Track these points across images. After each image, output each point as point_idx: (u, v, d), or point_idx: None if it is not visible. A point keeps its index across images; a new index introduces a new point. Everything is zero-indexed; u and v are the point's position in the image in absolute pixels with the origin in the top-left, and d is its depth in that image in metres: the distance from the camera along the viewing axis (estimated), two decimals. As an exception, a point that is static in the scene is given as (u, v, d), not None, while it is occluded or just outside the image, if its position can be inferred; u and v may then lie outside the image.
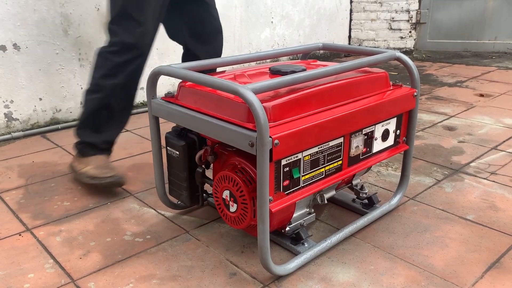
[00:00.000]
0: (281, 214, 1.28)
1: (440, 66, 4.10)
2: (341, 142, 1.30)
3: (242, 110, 1.15)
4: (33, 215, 1.61)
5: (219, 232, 1.49)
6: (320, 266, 1.30)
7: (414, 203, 1.66)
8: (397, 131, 1.50)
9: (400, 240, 1.43)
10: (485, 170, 1.92)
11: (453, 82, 3.50)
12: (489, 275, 1.25)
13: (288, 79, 1.15)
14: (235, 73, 1.42)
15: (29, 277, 1.28)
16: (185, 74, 1.22)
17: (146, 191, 1.79)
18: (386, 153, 1.48)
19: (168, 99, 1.38)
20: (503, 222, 1.52)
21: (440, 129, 2.46)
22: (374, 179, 1.87)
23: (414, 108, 1.49)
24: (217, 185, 1.29)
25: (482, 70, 3.81)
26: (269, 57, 1.62)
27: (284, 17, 3.93)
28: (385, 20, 4.54)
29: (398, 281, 1.23)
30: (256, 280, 1.25)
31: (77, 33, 2.60)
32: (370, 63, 1.38)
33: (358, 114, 1.29)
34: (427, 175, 1.89)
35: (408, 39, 4.53)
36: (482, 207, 1.62)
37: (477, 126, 2.48)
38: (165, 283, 1.24)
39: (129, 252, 1.39)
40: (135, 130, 2.54)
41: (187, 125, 1.30)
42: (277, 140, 1.07)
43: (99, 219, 1.58)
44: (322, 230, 1.49)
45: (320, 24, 4.31)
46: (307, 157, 1.21)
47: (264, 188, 1.08)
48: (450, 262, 1.31)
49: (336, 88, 1.31)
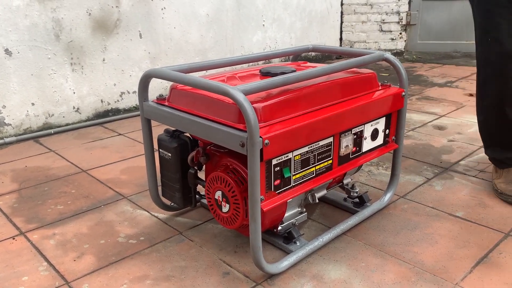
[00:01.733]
0: (273, 213, 1.30)
1: (430, 66, 4.15)
2: (331, 141, 1.32)
3: (232, 111, 1.17)
4: (27, 219, 1.62)
5: (212, 232, 1.50)
6: (312, 264, 1.32)
7: (405, 201, 1.68)
8: (386, 131, 1.52)
9: (390, 237, 1.45)
10: (474, 168, 1.95)
11: (443, 82, 3.54)
12: (478, 270, 1.28)
13: (278, 80, 1.17)
14: (226, 75, 1.44)
15: (23, 280, 1.29)
16: (176, 76, 1.24)
17: (139, 193, 1.80)
18: (375, 152, 1.51)
19: (159, 101, 1.39)
20: (491, 218, 1.55)
21: (430, 128, 2.49)
22: (365, 178, 1.89)
23: (402, 107, 1.51)
24: (209, 186, 1.30)
25: (472, 71, 3.85)
26: (259, 59, 1.64)
27: (276, 20, 3.96)
28: (376, 22, 4.58)
29: (389, 278, 1.25)
30: (249, 279, 1.26)
31: (69, 37, 2.60)
32: (359, 64, 1.41)
33: (347, 114, 1.32)
34: (418, 173, 1.92)
35: (398, 41, 4.57)
36: (471, 204, 1.65)
37: (467, 125, 2.51)
38: (159, 283, 1.25)
39: (123, 254, 1.40)
40: (128, 133, 2.55)
41: (179, 127, 1.32)
42: (267, 140, 1.09)
43: (93, 222, 1.59)
44: (314, 229, 1.51)
45: (312, 26, 4.35)
46: (297, 157, 1.23)
47: (255, 187, 1.10)
48: (440, 258, 1.34)
49: (326, 88, 1.33)
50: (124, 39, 2.85)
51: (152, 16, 2.99)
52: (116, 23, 2.79)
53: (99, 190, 1.83)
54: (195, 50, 3.32)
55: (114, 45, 2.80)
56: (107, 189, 1.85)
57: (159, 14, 3.03)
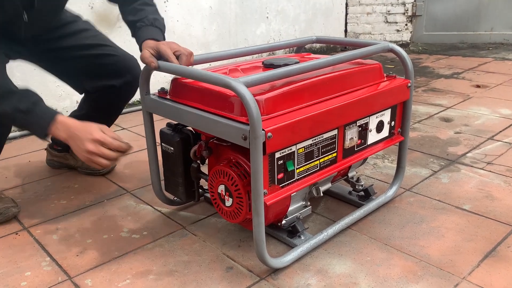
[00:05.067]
0: (276, 207, 1.28)
1: (436, 58, 4.10)
2: (335, 134, 1.30)
3: (234, 103, 1.15)
4: (30, 214, 1.61)
5: (215, 227, 1.49)
6: (317, 259, 1.30)
7: (411, 194, 1.66)
8: (392, 123, 1.50)
9: (396, 231, 1.43)
10: (482, 161, 1.92)
11: (450, 74, 3.50)
12: (485, 264, 1.25)
13: (280, 71, 1.15)
14: (228, 67, 1.42)
15: (26, 275, 1.28)
16: (177, 68, 1.22)
17: (142, 188, 1.78)
18: (381, 144, 1.48)
19: (161, 95, 1.38)
20: (499, 211, 1.52)
21: (436, 120, 2.46)
22: (370, 171, 1.87)
23: (408, 99, 1.48)
24: (212, 180, 1.29)
25: (479, 61, 3.80)
26: (263, 51, 1.62)
27: (280, 12, 3.92)
28: (381, 13, 4.53)
29: (395, 272, 1.23)
30: (253, 273, 1.25)
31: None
32: (363, 55, 1.38)
33: (352, 106, 1.29)
34: (424, 166, 1.89)
35: (404, 32, 4.52)
36: (478, 197, 1.62)
37: (474, 117, 2.48)
38: (162, 278, 1.24)
39: (126, 249, 1.39)
40: (131, 128, 2.54)
41: (181, 120, 1.30)
42: (270, 133, 1.07)
43: (96, 217, 1.58)
44: (318, 222, 1.50)
45: (316, 18, 4.30)
46: (301, 150, 1.21)
47: (258, 181, 1.08)
48: (446, 252, 1.31)
49: (329, 80, 1.31)
50: (126, 32, 2.80)
51: (154, 9, 2.96)
52: (118, 17, 2.74)
53: (102, 185, 1.83)
54: (198, 43, 3.30)
55: (117, 38, 2.75)
56: (110, 183, 1.84)
57: (162, 7, 3.01)
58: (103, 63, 1.65)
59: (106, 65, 1.65)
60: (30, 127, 1.35)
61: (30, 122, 1.33)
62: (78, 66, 1.66)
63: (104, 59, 1.65)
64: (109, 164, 1.30)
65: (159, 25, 1.41)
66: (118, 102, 1.79)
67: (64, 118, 1.32)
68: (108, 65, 1.65)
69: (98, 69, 1.66)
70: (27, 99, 1.34)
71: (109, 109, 1.79)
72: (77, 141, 1.28)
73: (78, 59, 1.64)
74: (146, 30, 1.38)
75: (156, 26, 1.40)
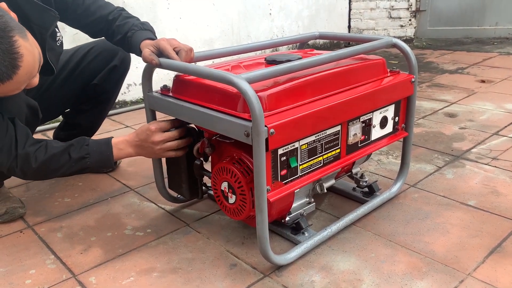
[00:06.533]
0: (280, 203, 1.28)
1: (441, 53, 4.07)
2: (339, 130, 1.29)
3: (237, 100, 1.14)
4: (34, 212, 1.62)
5: (219, 224, 1.49)
6: (321, 255, 1.30)
7: (415, 190, 1.65)
8: (396, 118, 1.49)
9: (400, 227, 1.42)
10: (487, 156, 1.91)
11: (454, 69, 3.48)
12: (491, 260, 1.25)
13: (283, 67, 1.14)
14: (231, 64, 1.41)
15: (31, 273, 1.28)
16: (179, 65, 1.21)
17: (146, 185, 1.79)
18: (385, 140, 1.47)
19: (164, 92, 1.37)
20: (504, 207, 1.51)
21: (441, 116, 2.44)
22: (374, 167, 1.86)
23: (412, 94, 1.47)
24: (216, 177, 1.28)
25: (484, 56, 3.77)
26: (266, 47, 1.61)
27: (283, 8, 3.90)
28: (385, 8, 4.50)
29: (399, 268, 1.23)
30: (257, 270, 1.25)
31: (74, 30, 2.58)
32: (366, 50, 1.37)
33: (355, 102, 1.28)
34: (428, 162, 1.88)
35: (408, 27, 4.49)
36: (484, 192, 1.61)
37: (478, 112, 2.46)
38: (166, 275, 1.24)
39: (130, 246, 1.39)
40: (135, 125, 2.54)
41: (184, 117, 1.30)
42: (272, 129, 1.06)
43: (100, 215, 1.58)
44: (322, 219, 1.49)
45: (319, 14, 4.28)
46: (304, 146, 1.21)
47: (261, 177, 1.08)
48: (451, 248, 1.31)
49: (332, 75, 1.30)
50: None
51: (157, 6, 2.96)
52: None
53: (106, 183, 1.83)
54: (201, 40, 3.29)
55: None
56: (114, 181, 1.84)
57: (165, 5, 3.00)
58: (95, 59, 1.73)
59: (97, 58, 1.73)
60: (96, 165, 1.37)
61: (95, 161, 1.35)
62: (79, 84, 1.75)
63: (92, 56, 1.73)
64: (181, 153, 1.39)
65: (149, 27, 1.43)
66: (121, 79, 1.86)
67: (117, 138, 1.37)
68: (98, 55, 1.73)
69: (95, 66, 1.73)
70: (79, 146, 1.35)
71: (118, 87, 1.89)
72: (145, 150, 1.36)
73: (77, 82, 1.74)
74: (139, 34, 1.39)
75: (147, 28, 1.41)
